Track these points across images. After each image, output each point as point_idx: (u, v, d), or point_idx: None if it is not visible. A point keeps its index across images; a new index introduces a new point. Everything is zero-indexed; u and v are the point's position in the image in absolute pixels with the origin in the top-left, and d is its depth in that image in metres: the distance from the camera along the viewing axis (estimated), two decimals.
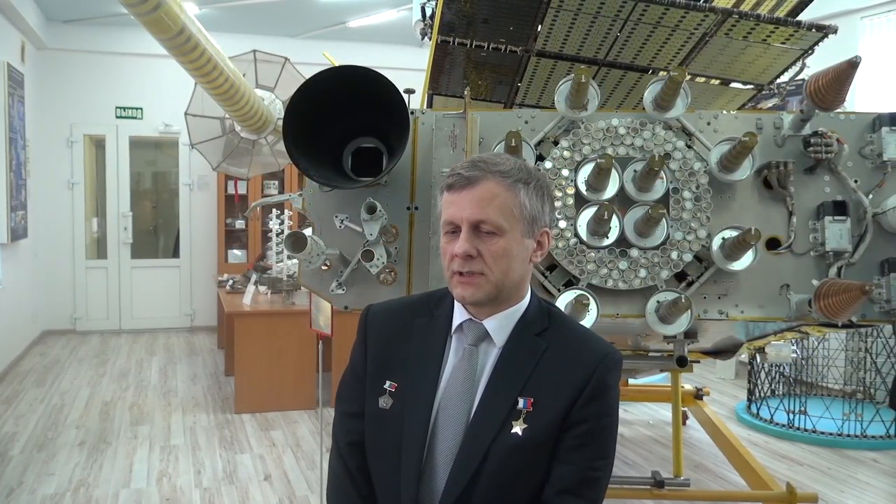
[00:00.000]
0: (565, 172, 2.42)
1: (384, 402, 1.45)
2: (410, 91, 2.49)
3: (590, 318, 2.33)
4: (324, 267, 2.49)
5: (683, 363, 2.62)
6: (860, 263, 2.43)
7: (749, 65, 3.20)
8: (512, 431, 1.36)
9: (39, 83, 8.31)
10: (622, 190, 2.41)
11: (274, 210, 6.34)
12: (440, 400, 1.42)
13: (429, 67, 3.29)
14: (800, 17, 3.06)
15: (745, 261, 2.36)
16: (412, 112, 2.44)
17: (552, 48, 3.14)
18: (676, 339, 2.58)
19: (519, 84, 3.43)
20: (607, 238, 2.39)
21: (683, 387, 4.57)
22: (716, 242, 2.38)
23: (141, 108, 8.86)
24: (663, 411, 5.53)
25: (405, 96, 2.30)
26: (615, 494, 3.62)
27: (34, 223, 7.93)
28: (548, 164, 2.43)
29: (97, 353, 7.67)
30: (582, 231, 2.39)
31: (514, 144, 2.27)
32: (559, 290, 2.40)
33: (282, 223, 6.13)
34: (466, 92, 2.49)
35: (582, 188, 2.41)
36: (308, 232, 2.39)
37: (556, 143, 2.47)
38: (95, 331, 8.80)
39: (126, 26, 8.36)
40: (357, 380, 1.53)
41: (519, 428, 1.37)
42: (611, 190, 2.41)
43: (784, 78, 3.32)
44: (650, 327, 2.40)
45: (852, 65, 2.18)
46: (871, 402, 5.18)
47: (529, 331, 1.44)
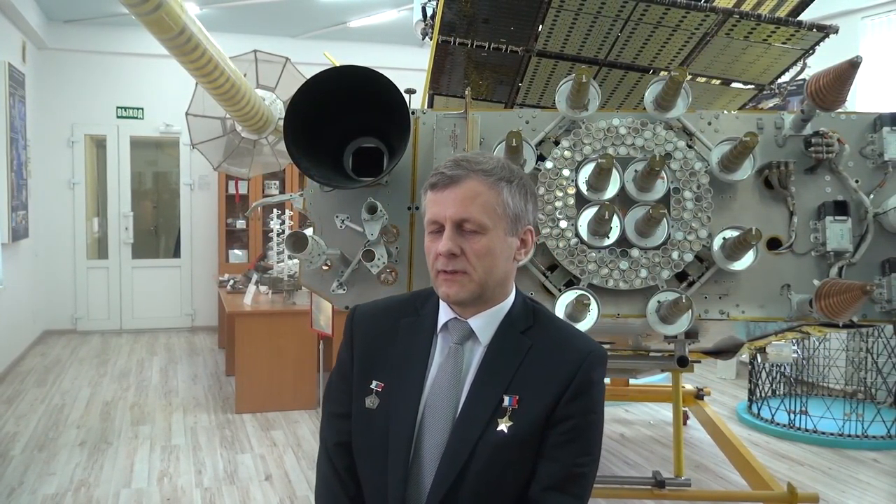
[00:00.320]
0: (566, 172, 2.42)
1: (371, 402, 1.46)
2: (411, 91, 2.50)
3: (590, 318, 2.33)
4: (325, 267, 2.49)
5: (684, 363, 2.62)
6: (861, 263, 2.43)
7: (750, 65, 3.20)
8: (498, 429, 1.37)
9: (40, 83, 8.32)
10: (623, 190, 2.41)
11: (275, 210, 6.35)
12: (426, 399, 1.43)
13: (429, 67, 3.29)
14: (800, 17, 3.06)
15: (746, 261, 2.36)
16: (413, 112, 2.44)
17: (553, 48, 3.14)
18: (677, 339, 2.58)
19: (520, 84, 3.43)
20: (608, 238, 2.39)
21: (684, 387, 4.57)
22: (717, 242, 2.38)
23: (142, 108, 8.87)
24: (664, 411, 5.52)
25: (406, 96, 2.30)
26: (616, 494, 3.62)
27: (35, 223, 7.94)
28: (549, 164, 2.43)
29: (98, 353, 7.67)
30: (583, 231, 2.39)
31: (515, 144, 2.27)
32: (560, 290, 2.40)
33: (282, 223, 6.13)
34: (467, 92, 2.49)
35: (583, 188, 2.41)
36: (309, 232, 2.39)
37: (557, 143, 2.47)
38: (96, 331, 8.81)
39: (127, 26, 8.37)
40: (344, 380, 1.54)
41: (504, 425, 1.37)
42: (611, 190, 2.41)
43: (785, 78, 3.32)
44: (651, 327, 2.40)
45: (853, 65, 2.17)
46: (872, 403, 5.18)
47: (514, 329, 1.45)
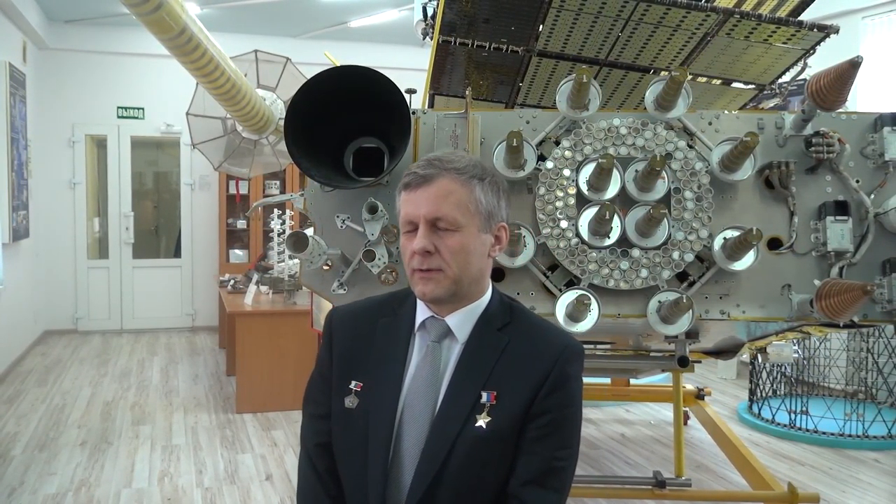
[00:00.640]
0: (567, 172, 2.42)
1: (350, 402, 1.47)
2: (412, 91, 2.49)
3: (591, 318, 2.33)
4: (325, 267, 2.49)
5: (685, 363, 2.62)
6: (862, 263, 2.43)
7: (750, 65, 3.20)
8: (476, 425, 1.39)
9: (41, 83, 8.32)
10: (623, 190, 2.41)
11: (275, 210, 6.35)
12: (405, 397, 1.44)
13: (430, 67, 3.29)
14: (801, 17, 3.06)
15: (747, 261, 2.36)
16: (413, 112, 2.44)
17: (553, 48, 3.14)
18: (678, 339, 2.58)
19: (520, 84, 3.43)
20: (609, 238, 2.38)
21: (685, 387, 4.57)
22: (717, 242, 2.38)
23: (142, 108, 8.87)
24: (665, 411, 5.53)
25: (406, 96, 2.30)
26: (616, 494, 3.63)
27: (36, 223, 7.94)
28: (549, 164, 2.43)
29: (98, 353, 7.67)
30: (583, 231, 2.39)
31: (516, 144, 2.27)
32: (561, 291, 2.40)
33: (283, 223, 6.13)
34: (468, 92, 2.49)
35: (583, 188, 2.41)
36: (309, 232, 2.39)
37: (558, 143, 2.47)
38: (97, 331, 8.81)
39: (128, 26, 8.37)
40: (324, 382, 1.55)
41: (483, 421, 1.39)
42: (612, 190, 2.41)
43: (786, 78, 3.32)
44: (651, 327, 2.40)
45: (854, 65, 2.17)
46: (873, 403, 5.18)
47: (491, 326, 1.47)
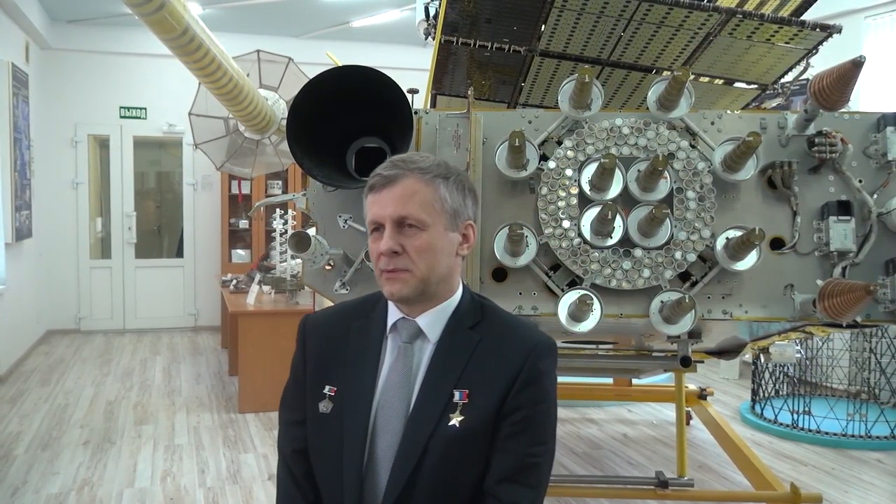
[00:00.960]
0: (569, 172, 2.42)
1: (324, 407, 1.47)
2: (414, 91, 2.49)
3: (593, 318, 2.33)
4: (327, 267, 2.50)
5: (687, 363, 2.62)
6: (864, 263, 2.43)
7: (753, 64, 3.19)
8: (450, 424, 1.39)
9: (43, 83, 8.33)
10: (626, 190, 2.41)
11: (277, 210, 6.35)
12: (378, 399, 1.45)
13: (432, 67, 3.29)
14: (804, 17, 3.05)
15: (749, 261, 2.36)
16: (416, 112, 2.44)
17: (555, 48, 3.14)
18: (680, 339, 2.58)
19: (522, 84, 3.43)
20: (611, 238, 2.38)
21: (687, 387, 4.56)
22: (719, 242, 2.38)
23: (145, 108, 8.88)
24: (667, 411, 5.52)
25: (409, 96, 2.30)
26: (618, 494, 3.63)
27: (38, 223, 7.95)
28: (551, 164, 2.43)
29: (101, 353, 7.68)
30: (585, 231, 2.39)
31: (518, 144, 2.27)
32: (563, 290, 2.40)
33: (285, 223, 6.14)
34: (470, 92, 2.49)
35: (585, 188, 2.41)
36: (312, 232, 2.39)
37: (560, 143, 2.47)
38: (99, 330, 8.82)
39: (130, 26, 8.38)
40: (298, 388, 1.55)
41: (456, 420, 1.39)
42: (614, 190, 2.40)
43: (788, 78, 3.31)
44: (654, 327, 2.40)
45: (856, 64, 2.17)
46: (876, 403, 5.17)
47: (463, 325, 1.47)
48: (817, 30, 2.90)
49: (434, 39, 3.17)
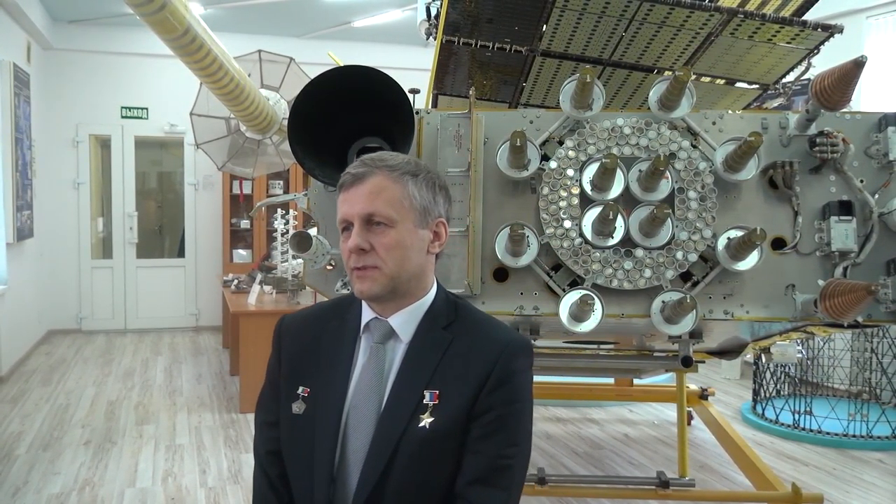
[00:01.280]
0: (570, 172, 2.42)
1: (297, 408, 1.47)
2: (415, 91, 2.50)
3: (595, 318, 2.33)
4: (328, 267, 2.50)
5: (688, 363, 2.62)
6: (866, 263, 2.42)
7: (754, 64, 3.19)
8: (420, 425, 1.38)
9: (45, 83, 8.34)
10: (627, 190, 2.41)
11: (279, 210, 6.35)
12: (351, 400, 1.44)
13: (433, 67, 3.29)
14: (805, 17, 3.05)
15: (751, 261, 2.36)
16: (417, 112, 2.44)
17: (557, 48, 3.14)
18: (681, 340, 2.58)
19: (524, 84, 3.43)
20: (612, 238, 2.38)
21: (688, 387, 4.56)
22: (721, 242, 2.38)
23: (146, 108, 8.88)
24: (668, 411, 5.52)
25: (410, 96, 2.30)
26: (619, 494, 3.63)
27: (40, 223, 7.96)
28: (553, 164, 2.43)
29: (102, 353, 7.69)
30: (587, 231, 2.39)
31: (519, 144, 2.27)
32: (564, 290, 2.40)
33: (287, 223, 6.14)
34: (471, 92, 2.49)
35: (587, 188, 2.41)
36: (313, 232, 2.39)
37: (561, 143, 2.47)
38: (101, 330, 8.82)
39: (131, 26, 8.38)
40: (273, 389, 1.55)
41: (426, 421, 1.38)
42: (616, 190, 2.41)
43: (789, 78, 3.31)
44: (655, 327, 2.40)
45: (858, 64, 2.17)
46: (877, 403, 5.16)
47: (436, 324, 1.46)
48: (819, 30, 2.90)
49: (435, 39, 3.17)
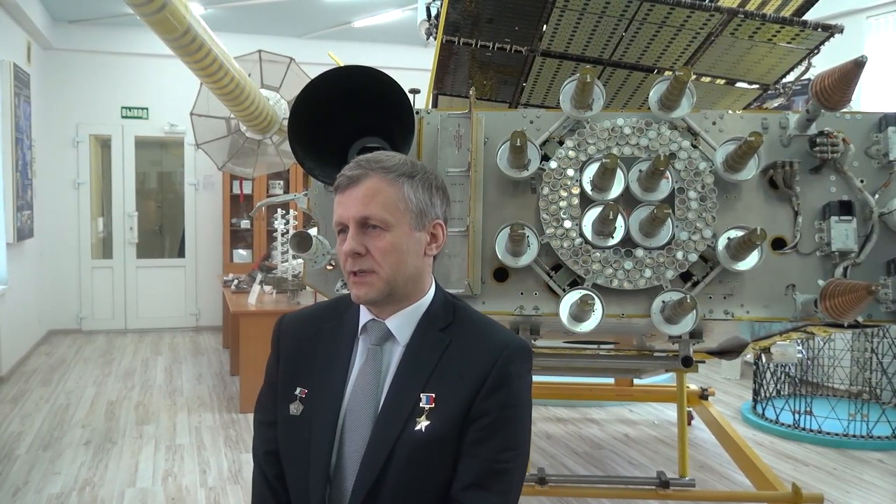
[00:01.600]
0: (570, 172, 2.42)
1: (294, 409, 1.46)
2: (415, 91, 2.50)
3: (595, 318, 2.33)
4: (329, 267, 2.50)
5: (689, 363, 2.62)
6: (866, 263, 2.42)
7: (754, 64, 3.19)
8: (416, 429, 1.36)
9: (45, 83, 8.34)
10: (627, 190, 2.41)
11: (279, 210, 6.35)
12: (347, 402, 1.43)
13: (434, 67, 3.29)
14: (805, 17, 3.05)
15: (751, 261, 2.36)
16: (417, 112, 2.44)
17: (557, 48, 3.14)
18: (682, 340, 2.58)
19: (524, 84, 3.43)
20: (612, 238, 2.38)
21: (689, 387, 4.56)
22: (721, 242, 2.38)
23: (146, 108, 8.89)
24: (668, 411, 5.52)
25: (410, 96, 2.30)
26: (620, 494, 3.63)
27: (40, 223, 7.96)
28: (553, 164, 2.43)
29: (103, 353, 7.69)
30: (587, 231, 2.39)
31: (519, 144, 2.27)
32: (564, 290, 2.40)
33: (287, 223, 6.14)
34: (471, 92, 2.49)
35: (587, 188, 2.41)
36: (313, 232, 2.39)
37: (561, 143, 2.47)
38: (101, 330, 8.82)
39: (132, 26, 8.38)
40: (272, 390, 1.54)
41: (422, 425, 1.36)
42: (616, 190, 2.41)
43: (790, 77, 3.31)
44: (655, 327, 2.40)
45: (858, 64, 2.17)
46: (877, 403, 5.16)
47: (434, 327, 1.45)
48: (819, 30, 2.90)
49: (436, 39, 3.17)
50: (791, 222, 2.46)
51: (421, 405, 1.38)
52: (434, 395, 1.38)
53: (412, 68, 6.28)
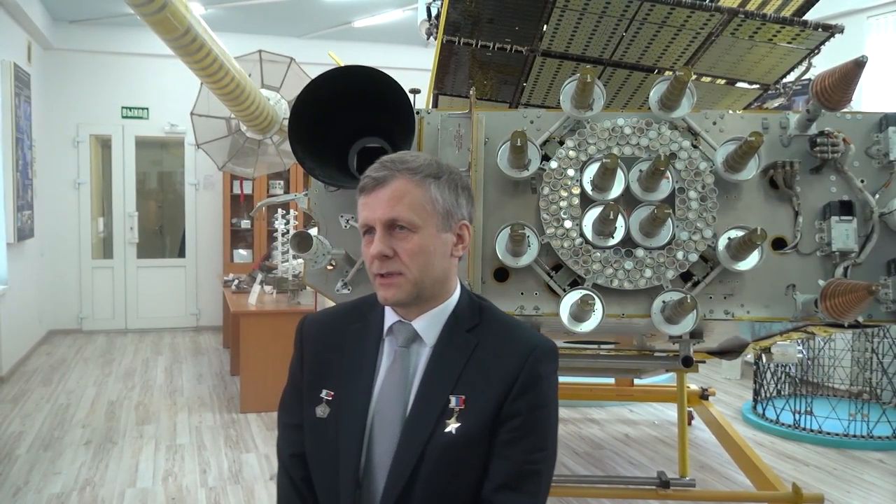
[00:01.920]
0: (571, 172, 2.42)
1: (321, 412, 1.45)
2: (416, 91, 2.50)
3: (595, 318, 2.33)
4: (329, 267, 2.50)
5: (689, 363, 2.62)
6: (866, 263, 2.42)
7: (755, 64, 3.19)
8: (446, 430, 1.36)
9: (45, 83, 8.34)
10: (628, 190, 2.41)
11: (279, 210, 6.35)
12: (375, 404, 1.42)
13: (434, 67, 3.29)
14: (806, 17, 3.05)
15: (751, 261, 2.36)
16: (417, 112, 2.44)
17: (557, 48, 3.14)
18: (682, 340, 2.58)
19: (524, 84, 3.43)
20: (613, 238, 2.38)
21: (689, 387, 4.56)
22: (721, 242, 2.38)
23: (147, 108, 8.89)
24: (669, 411, 5.52)
25: (410, 96, 2.30)
26: (620, 494, 3.63)
27: (40, 223, 7.96)
28: (553, 164, 2.43)
29: (103, 353, 7.69)
30: (587, 231, 2.39)
31: (520, 144, 2.27)
32: (564, 290, 2.40)
33: (287, 223, 6.14)
34: (472, 92, 2.49)
35: (587, 188, 2.41)
36: (313, 232, 2.39)
37: (562, 143, 2.47)
38: (101, 330, 8.83)
39: (132, 26, 8.39)
40: (296, 392, 1.53)
41: (452, 426, 1.36)
42: (616, 190, 2.41)
43: (790, 77, 3.31)
44: (656, 327, 2.40)
45: (858, 64, 2.17)
46: (878, 403, 5.16)
47: (460, 328, 1.44)
48: (819, 30, 2.90)
49: (436, 39, 3.17)
50: (791, 222, 2.46)
51: (450, 407, 1.37)
52: (463, 397, 1.38)
53: (412, 68, 6.28)
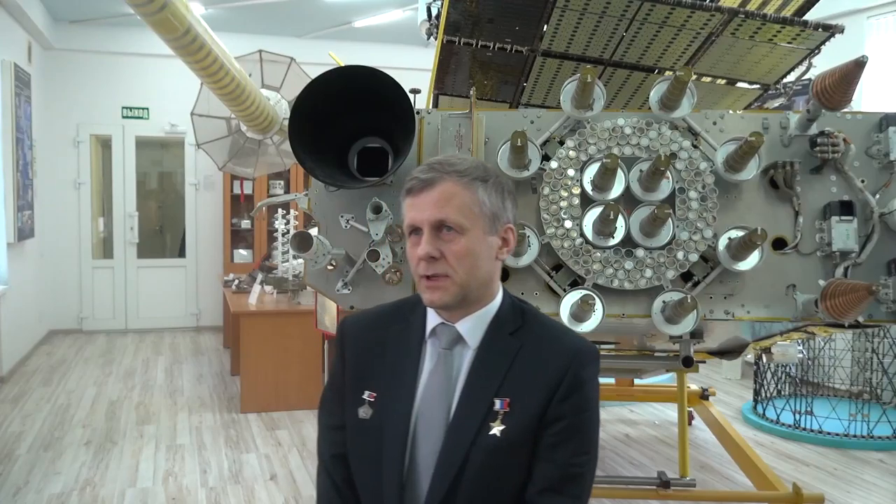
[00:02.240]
0: (571, 172, 2.42)
1: (364, 413, 1.45)
2: (416, 91, 2.50)
3: (595, 319, 2.33)
4: (329, 267, 2.50)
5: (689, 363, 2.62)
6: (867, 263, 2.42)
7: (755, 64, 3.19)
8: (490, 433, 1.36)
9: (46, 83, 8.34)
10: (628, 190, 2.41)
11: (280, 210, 6.35)
12: (418, 406, 1.42)
13: (434, 67, 3.29)
14: (806, 17, 3.05)
15: (752, 261, 2.36)
16: (418, 112, 2.44)
17: (558, 48, 3.14)
18: (682, 340, 2.58)
19: (524, 84, 3.43)
20: (613, 238, 2.38)
21: (689, 387, 4.56)
22: (722, 242, 2.38)
23: (147, 108, 8.89)
24: (669, 411, 5.52)
25: (411, 96, 2.30)
26: (620, 494, 3.62)
27: (41, 223, 7.96)
28: (553, 164, 2.43)
29: (103, 353, 7.69)
30: (588, 231, 2.39)
31: (520, 144, 2.27)
32: (565, 290, 2.40)
33: (287, 223, 6.14)
34: (472, 92, 2.49)
35: (588, 188, 2.41)
36: (314, 232, 2.39)
37: (562, 143, 2.47)
38: (101, 330, 8.83)
39: (132, 26, 8.39)
40: (337, 393, 1.53)
41: (497, 429, 1.37)
42: (616, 190, 2.41)
43: (790, 77, 3.31)
44: (656, 327, 2.40)
45: (859, 64, 2.17)
46: (878, 403, 5.16)
47: (503, 331, 1.44)
48: (819, 30, 2.90)
49: (436, 39, 3.17)
50: (792, 222, 2.46)
51: (495, 409, 1.38)
52: (508, 400, 1.38)
53: (412, 68, 6.27)
